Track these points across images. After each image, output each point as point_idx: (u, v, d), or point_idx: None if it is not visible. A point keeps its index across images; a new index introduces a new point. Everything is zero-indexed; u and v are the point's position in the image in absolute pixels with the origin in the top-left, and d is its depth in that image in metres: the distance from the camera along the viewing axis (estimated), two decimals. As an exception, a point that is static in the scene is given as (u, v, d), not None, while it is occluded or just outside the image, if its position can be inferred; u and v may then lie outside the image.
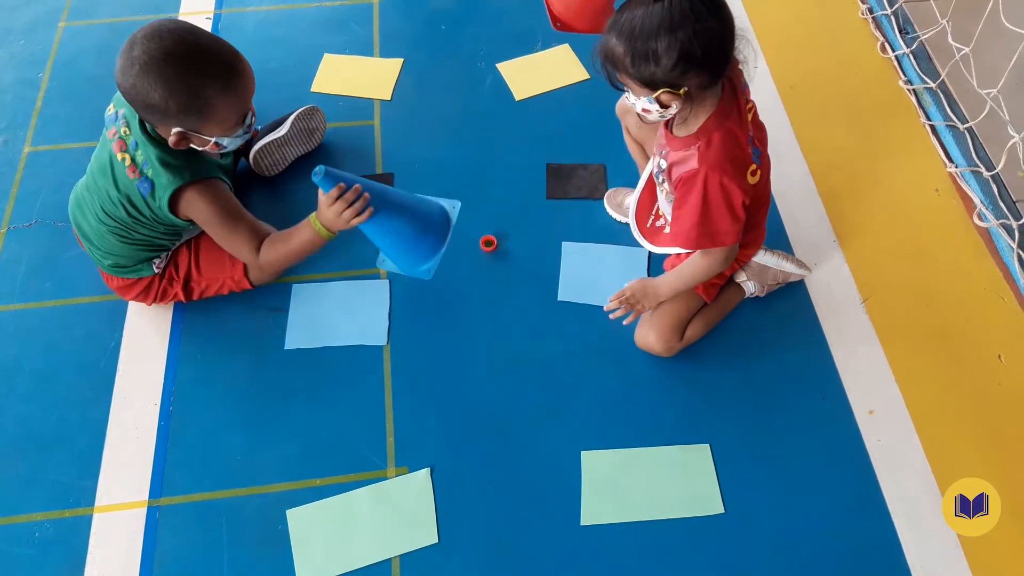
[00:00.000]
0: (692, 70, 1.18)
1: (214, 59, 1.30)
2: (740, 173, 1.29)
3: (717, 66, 1.21)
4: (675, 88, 1.20)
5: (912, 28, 2.08)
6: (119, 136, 1.40)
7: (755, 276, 1.58)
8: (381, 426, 1.50)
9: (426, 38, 2.17)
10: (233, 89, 1.32)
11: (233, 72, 1.32)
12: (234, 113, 1.35)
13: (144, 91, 1.27)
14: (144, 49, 1.26)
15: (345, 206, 1.37)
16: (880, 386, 1.55)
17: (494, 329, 1.62)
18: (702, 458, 1.46)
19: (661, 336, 1.51)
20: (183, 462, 1.46)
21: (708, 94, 1.26)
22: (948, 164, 1.86)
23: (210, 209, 1.42)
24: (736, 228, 1.32)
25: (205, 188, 1.41)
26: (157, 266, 1.55)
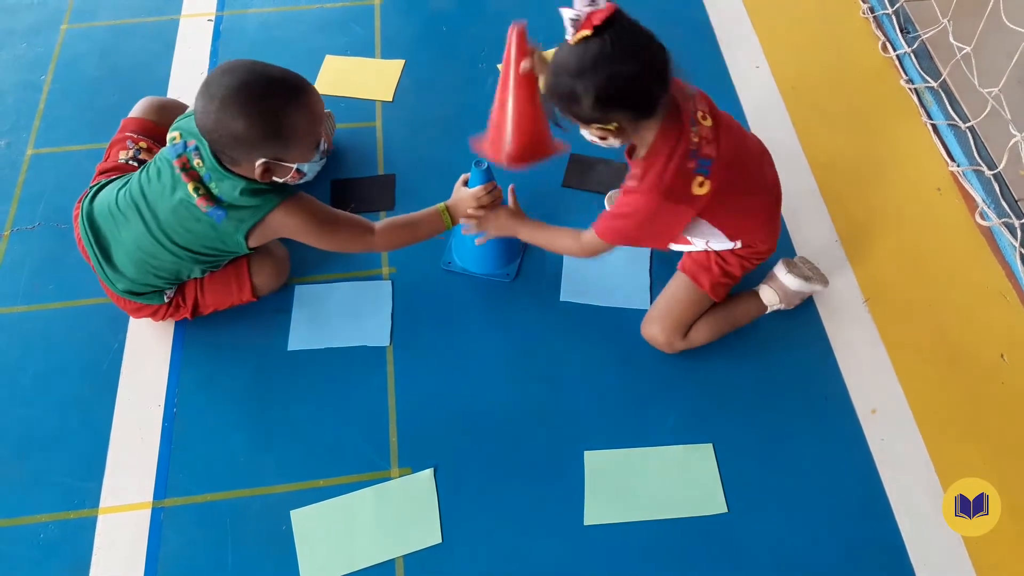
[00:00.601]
0: (612, 110, 1.23)
1: (285, 84, 1.34)
2: (676, 196, 1.32)
3: (640, 104, 1.25)
4: (603, 124, 1.25)
5: (913, 27, 2.08)
6: (191, 167, 1.39)
7: (786, 298, 1.58)
8: (384, 427, 1.50)
9: (427, 39, 2.17)
10: (306, 109, 1.35)
11: (303, 92, 1.35)
12: (310, 133, 1.38)
13: (227, 124, 1.30)
14: (221, 84, 1.30)
15: (490, 201, 1.49)
16: (883, 385, 1.55)
17: (497, 329, 1.63)
18: (705, 458, 1.46)
19: (664, 329, 1.52)
20: (187, 463, 1.47)
21: (645, 123, 1.29)
22: (950, 163, 1.86)
23: (305, 220, 1.44)
24: (626, 242, 1.45)
25: (294, 203, 1.42)
26: (168, 296, 1.55)
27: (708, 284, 1.52)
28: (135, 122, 1.68)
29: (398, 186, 1.85)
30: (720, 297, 1.55)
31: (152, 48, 2.17)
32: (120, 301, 1.56)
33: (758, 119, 1.97)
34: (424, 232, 1.55)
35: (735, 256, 1.52)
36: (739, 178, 1.41)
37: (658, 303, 1.55)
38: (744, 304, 1.59)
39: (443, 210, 1.53)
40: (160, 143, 1.62)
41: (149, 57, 2.15)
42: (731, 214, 1.44)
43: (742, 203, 1.45)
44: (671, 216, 1.37)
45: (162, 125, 1.65)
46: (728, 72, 2.07)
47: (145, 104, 1.73)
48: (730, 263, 1.52)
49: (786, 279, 1.57)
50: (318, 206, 1.47)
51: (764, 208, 1.52)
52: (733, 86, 2.04)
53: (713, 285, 1.52)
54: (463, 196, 1.52)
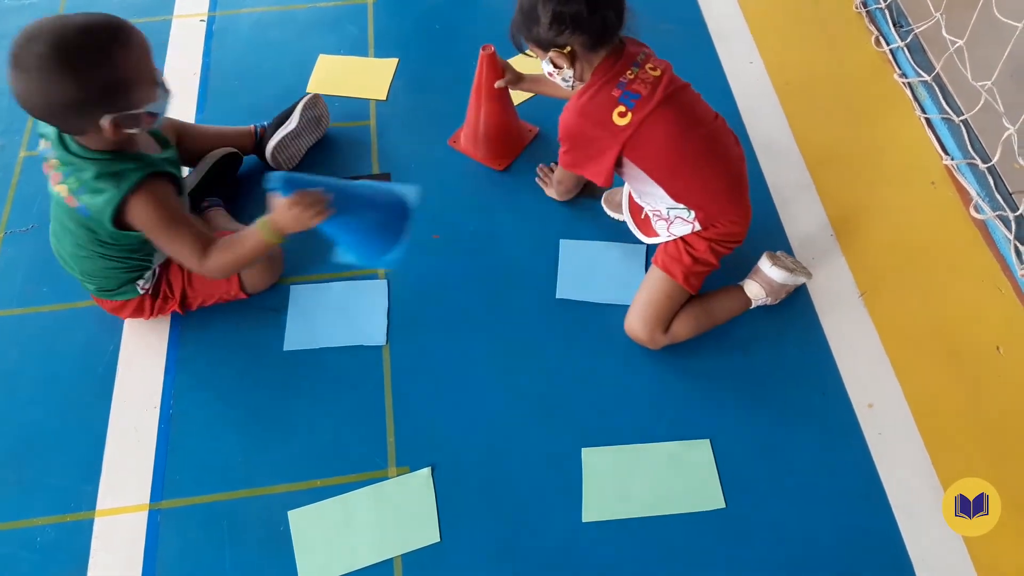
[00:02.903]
0: (567, 30, 1.35)
1: (98, 28, 1.23)
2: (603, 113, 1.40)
3: (593, 28, 1.35)
4: (560, 48, 1.37)
5: (906, 21, 2.08)
6: (54, 169, 1.36)
7: (772, 292, 1.58)
8: (381, 426, 1.50)
9: (420, 37, 2.17)
10: (129, 46, 1.25)
11: (119, 30, 1.25)
12: (144, 69, 1.27)
13: (55, 92, 1.20)
14: (31, 53, 1.19)
15: (303, 210, 1.31)
16: (879, 379, 1.55)
17: (493, 327, 1.62)
18: (702, 453, 1.46)
19: (644, 325, 1.53)
20: (184, 465, 1.46)
21: (595, 54, 1.40)
22: (944, 157, 1.86)
23: (151, 215, 1.35)
24: (570, 165, 1.50)
25: (145, 195, 1.34)
26: (142, 287, 1.53)
27: (681, 275, 1.52)
28: None
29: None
30: (695, 288, 1.54)
31: (144, 49, 2.16)
32: (101, 302, 1.57)
33: (752, 114, 1.97)
34: (249, 250, 1.39)
35: (702, 240, 1.51)
36: (680, 135, 1.42)
37: (637, 299, 1.56)
38: (726, 298, 1.59)
39: (263, 224, 1.36)
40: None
41: (142, 58, 2.14)
42: (679, 177, 1.46)
43: (692, 168, 1.46)
44: (593, 140, 1.43)
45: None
46: (721, 67, 2.07)
47: None
48: (698, 249, 1.51)
49: (771, 272, 1.57)
50: (173, 203, 1.38)
51: (721, 180, 1.50)
52: (727, 81, 2.04)
53: (686, 275, 1.52)
54: (280, 205, 1.33)
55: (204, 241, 1.40)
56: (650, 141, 1.41)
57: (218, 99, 2.04)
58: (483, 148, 1.84)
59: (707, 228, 1.50)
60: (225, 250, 1.40)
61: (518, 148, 1.87)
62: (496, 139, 1.82)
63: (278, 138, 1.80)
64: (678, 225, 1.52)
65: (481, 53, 1.68)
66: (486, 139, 1.82)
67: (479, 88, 1.74)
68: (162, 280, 1.56)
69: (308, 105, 1.83)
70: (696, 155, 1.45)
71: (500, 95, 1.75)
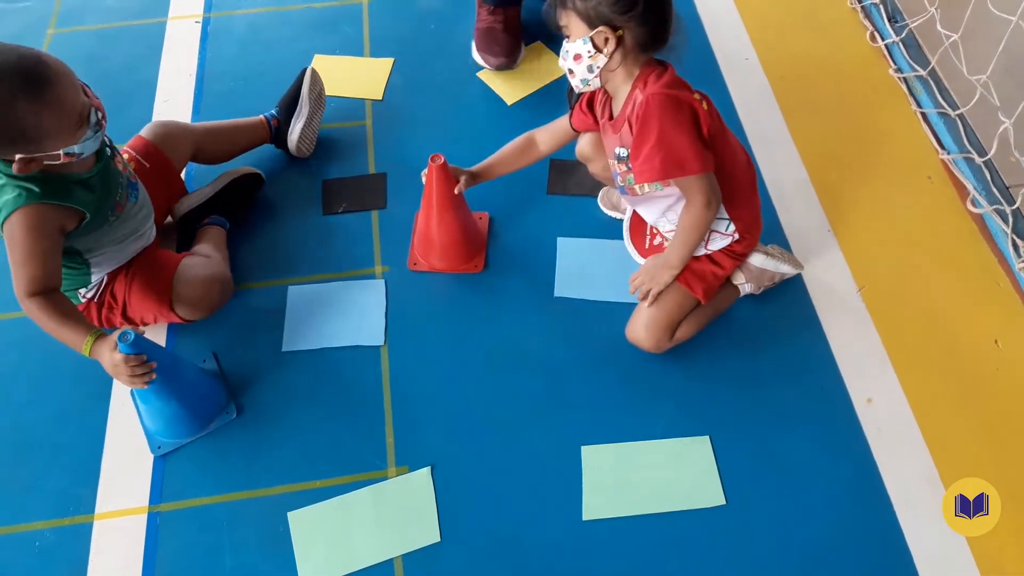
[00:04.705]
0: (633, 11, 1.26)
1: (16, 76, 1.17)
2: (688, 92, 1.33)
3: (655, 25, 1.29)
4: (614, 28, 1.27)
5: (901, 16, 2.08)
6: None
7: (753, 278, 1.58)
8: (380, 426, 1.50)
9: (416, 37, 2.16)
10: (44, 101, 1.19)
11: (37, 82, 1.18)
12: (62, 123, 1.23)
13: None
14: None
15: (123, 368, 1.27)
16: (878, 374, 1.55)
17: (492, 326, 1.62)
18: (702, 450, 1.46)
19: (651, 332, 1.51)
20: (182, 467, 1.46)
21: (641, 58, 1.32)
22: (940, 151, 1.86)
23: (10, 237, 1.31)
24: (698, 148, 1.31)
25: (14, 219, 1.30)
26: (83, 295, 1.52)
27: (702, 290, 1.51)
28: (136, 138, 1.67)
29: (389, 185, 1.84)
30: (711, 299, 1.54)
31: (139, 52, 2.16)
32: None
33: (748, 110, 1.97)
34: (64, 335, 1.34)
35: (728, 257, 1.52)
36: (723, 142, 1.41)
37: (642, 309, 1.52)
38: (720, 293, 1.59)
39: (90, 340, 1.32)
40: (155, 163, 1.63)
41: (136, 61, 2.14)
42: (740, 179, 1.46)
43: (747, 169, 1.47)
44: (686, 118, 1.30)
45: (158, 144, 1.65)
46: (717, 63, 2.07)
47: (150, 124, 1.70)
48: (725, 266, 1.53)
49: (751, 257, 1.56)
50: (37, 233, 1.30)
51: (751, 184, 1.52)
52: (722, 77, 2.04)
53: (706, 290, 1.52)
54: (106, 351, 1.29)
55: (44, 284, 1.33)
56: (719, 133, 1.37)
57: (214, 101, 2.03)
58: (451, 257, 1.67)
59: (743, 238, 1.50)
60: (48, 311, 1.33)
61: (484, 241, 1.73)
62: (462, 242, 1.66)
63: (298, 130, 1.82)
64: (716, 240, 1.51)
65: (430, 164, 1.53)
66: (452, 245, 1.65)
67: (432, 201, 1.58)
68: (108, 290, 1.53)
69: (311, 86, 1.84)
70: (735, 161, 1.45)
71: (454, 200, 1.59)
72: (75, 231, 1.39)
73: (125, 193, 1.47)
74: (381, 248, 1.74)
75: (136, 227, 1.51)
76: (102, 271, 1.51)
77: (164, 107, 2.03)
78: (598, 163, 1.61)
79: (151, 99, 2.05)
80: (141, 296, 1.53)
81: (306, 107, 1.83)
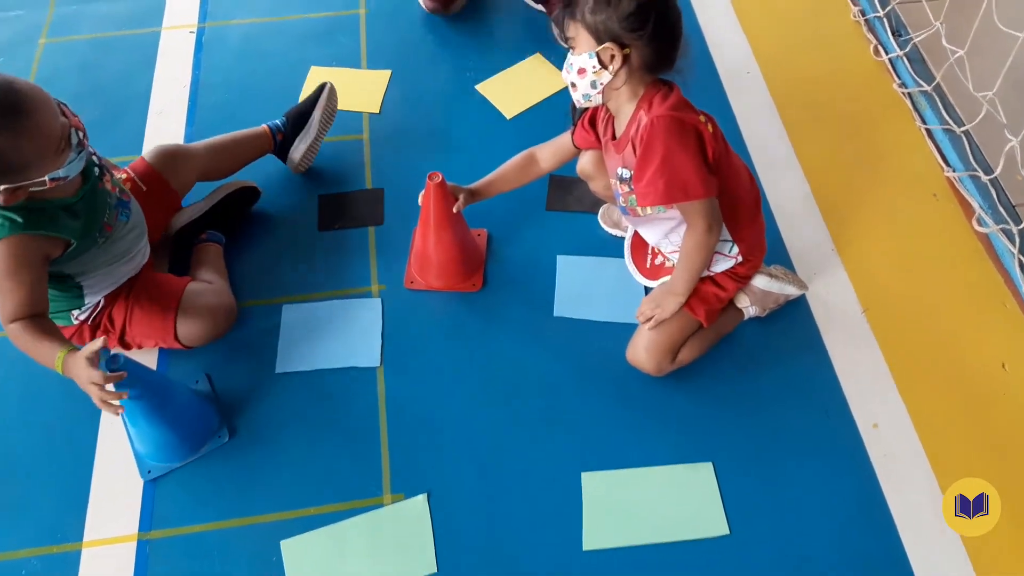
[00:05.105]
0: (643, 30, 1.22)
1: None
2: (694, 114, 1.30)
3: (663, 46, 1.25)
4: (621, 46, 1.23)
5: (905, 31, 2.06)
6: None
7: (757, 301, 1.55)
8: (376, 451, 1.46)
9: (414, 49, 2.13)
10: (21, 131, 1.18)
11: (12, 113, 1.17)
12: (43, 150, 1.21)
13: None
14: None
15: (92, 386, 1.22)
16: (883, 398, 1.52)
17: (490, 347, 1.59)
18: (705, 477, 1.43)
19: (652, 355, 1.48)
20: (173, 493, 1.42)
21: (646, 78, 1.29)
22: (945, 168, 1.84)
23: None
24: (703, 173, 1.28)
25: (3, 248, 1.27)
26: (76, 317, 1.48)
27: (704, 313, 1.48)
28: (138, 160, 1.63)
29: (387, 200, 1.81)
30: (713, 321, 1.51)
31: (133, 62, 2.13)
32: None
33: (750, 125, 1.94)
34: (41, 356, 1.30)
35: (731, 280, 1.50)
36: (727, 164, 1.39)
37: (643, 332, 1.49)
38: (723, 315, 1.56)
39: (63, 356, 1.27)
40: (154, 188, 1.60)
41: (130, 71, 2.10)
42: (743, 200, 1.43)
43: (750, 189, 1.45)
44: (691, 141, 1.27)
45: (159, 169, 1.62)
46: (719, 77, 2.04)
47: (155, 149, 1.66)
48: (728, 288, 1.50)
49: (755, 279, 1.54)
50: (20, 260, 1.28)
51: (755, 205, 1.50)
52: (724, 92, 2.01)
53: (709, 313, 1.49)
54: (80, 365, 1.23)
55: (27, 309, 1.30)
56: (724, 155, 1.35)
57: (208, 113, 2.00)
58: (449, 276, 1.64)
59: (747, 260, 1.48)
60: (29, 334, 1.30)
61: (482, 258, 1.69)
62: (460, 260, 1.62)
63: (303, 150, 1.78)
64: (719, 262, 1.48)
65: (428, 183, 1.50)
66: (450, 264, 1.62)
67: (430, 219, 1.54)
68: (105, 313, 1.50)
69: (326, 105, 1.80)
70: (739, 184, 1.42)
71: (453, 218, 1.55)
72: (62, 257, 1.36)
73: (114, 213, 1.44)
74: (378, 266, 1.71)
75: (127, 248, 1.48)
76: (97, 293, 1.48)
77: (158, 119, 1.99)
78: (600, 181, 1.58)
79: (145, 110, 2.02)
80: (143, 323, 1.50)
81: (315, 128, 1.79)
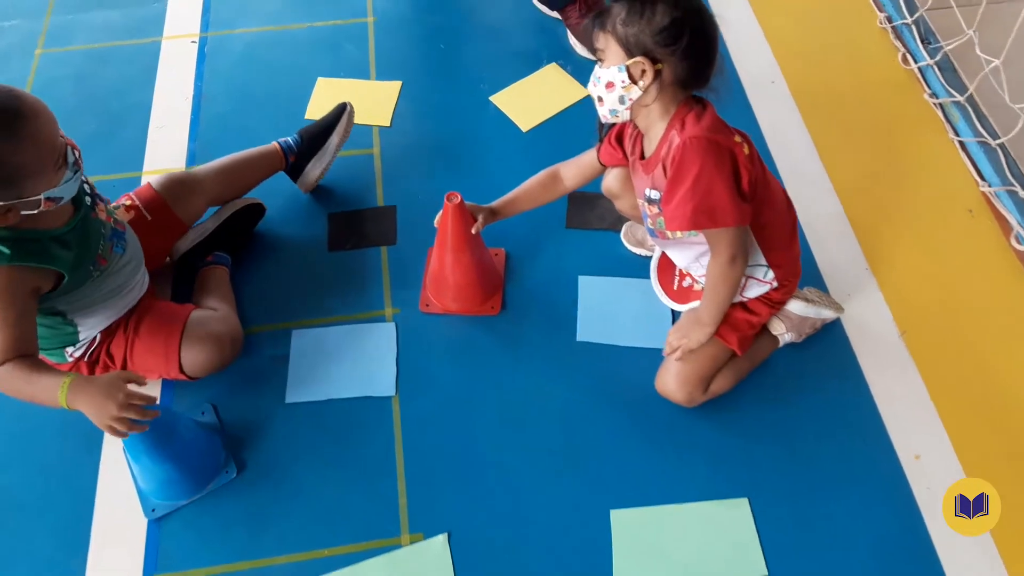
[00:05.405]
0: (677, 44, 1.16)
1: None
2: (730, 136, 1.22)
3: (698, 62, 1.19)
4: (653, 60, 1.16)
5: (934, 38, 1.99)
6: None
7: (794, 327, 1.48)
8: (393, 487, 1.39)
9: (425, 58, 2.06)
10: (23, 139, 1.13)
11: (16, 120, 1.12)
12: (43, 162, 1.16)
13: None
14: None
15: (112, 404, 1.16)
16: (925, 428, 1.45)
17: (511, 374, 1.52)
18: (741, 514, 1.35)
19: (683, 386, 1.40)
20: (179, 533, 1.35)
21: (679, 95, 1.22)
22: (980, 183, 1.76)
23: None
24: (735, 200, 1.20)
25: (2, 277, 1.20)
26: (70, 354, 1.41)
27: (737, 341, 1.41)
28: (145, 187, 1.56)
29: (400, 219, 1.74)
30: (747, 349, 1.44)
31: (132, 73, 2.05)
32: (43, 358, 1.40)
33: (776, 137, 1.87)
34: (37, 394, 1.21)
35: (765, 305, 1.43)
36: (764, 187, 1.32)
37: (675, 360, 1.42)
38: (757, 343, 1.48)
39: (67, 384, 1.18)
40: (159, 215, 1.53)
41: (129, 82, 2.03)
42: (781, 223, 1.37)
43: (788, 212, 1.38)
44: (726, 165, 1.19)
45: (167, 199, 1.54)
46: (743, 87, 1.97)
47: (164, 177, 1.57)
48: (761, 314, 1.43)
49: (790, 305, 1.47)
50: (8, 301, 1.20)
51: (792, 229, 1.43)
52: (748, 102, 1.94)
53: (742, 341, 1.41)
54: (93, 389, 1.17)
55: (16, 351, 1.21)
56: (761, 177, 1.28)
57: (212, 125, 1.93)
58: (467, 298, 1.57)
59: (782, 286, 1.41)
60: (21, 372, 1.21)
61: (500, 280, 1.62)
62: (478, 282, 1.55)
63: (316, 175, 1.72)
64: (753, 287, 1.41)
65: (446, 204, 1.43)
66: (468, 286, 1.55)
67: (447, 241, 1.47)
68: (103, 348, 1.42)
69: (345, 129, 1.72)
70: (775, 205, 1.35)
71: (471, 239, 1.48)
72: (54, 292, 1.28)
73: (109, 245, 1.36)
74: (391, 288, 1.63)
75: (123, 282, 1.39)
76: (91, 329, 1.40)
77: (159, 133, 1.92)
78: (626, 201, 1.51)
79: (146, 123, 1.95)
80: (145, 355, 1.42)
81: (332, 151, 1.72)
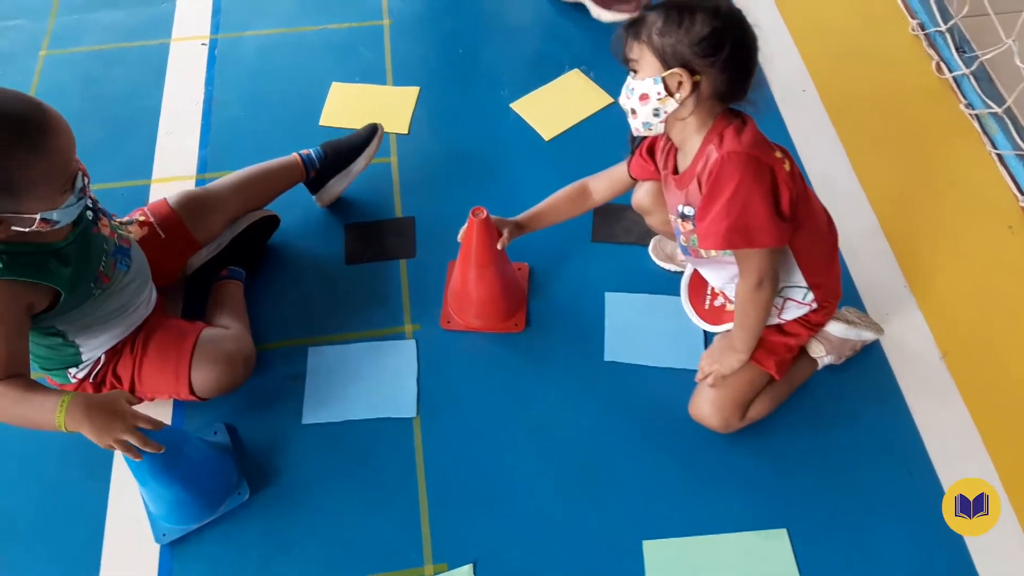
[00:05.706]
0: (717, 56, 1.10)
1: (9, 121, 1.05)
2: (771, 152, 1.16)
3: (737, 74, 1.13)
4: (691, 72, 1.11)
5: (970, 47, 1.93)
6: None
7: (834, 349, 1.42)
8: (415, 513, 1.33)
9: (443, 63, 2.00)
10: (41, 151, 1.07)
11: (38, 131, 1.07)
12: (52, 181, 1.11)
13: None
14: None
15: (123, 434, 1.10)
16: (970, 455, 1.39)
17: (536, 395, 1.46)
18: (779, 546, 1.29)
19: (718, 412, 1.34)
20: (193, 563, 1.29)
21: (716, 108, 1.16)
22: (1020, 198, 1.70)
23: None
24: (773, 221, 1.14)
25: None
26: (74, 375, 1.35)
27: (775, 366, 1.34)
28: (160, 203, 1.50)
29: (418, 230, 1.67)
30: (785, 373, 1.38)
31: (140, 76, 1.99)
32: (47, 378, 1.37)
33: (807, 147, 1.81)
34: (34, 418, 1.14)
35: (805, 327, 1.37)
36: (806, 205, 1.26)
37: (706, 384, 1.36)
38: (796, 366, 1.42)
39: (63, 404, 1.11)
40: (174, 233, 1.47)
41: (137, 86, 1.97)
42: (822, 242, 1.32)
43: (812, 236, 1.30)
44: (765, 183, 1.13)
45: (183, 217, 1.48)
46: (772, 96, 1.90)
47: (182, 194, 1.51)
48: (800, 336, 1.37)
49: (829, 326, 1.41)
50: (2, 314, 1.13)
51: (832, 249, 1.37)
52: (779, 112, 1.88)
53: (779, 365, 1.35)
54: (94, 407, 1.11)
55: (5, 369, 1.14)
56: (802, 195, 1.23)
57: (223, 131, 1.87)
58: (489, 315, 1.51)
59: (822, 307, 1.34)
60: (14, 392, 1.14)
61: (524, 295, 1.57)
62: (501, 298, 1.49)
63: (338, 192, 1.66)
64: (791, 310, 1.35)
65: (471, 219, 1.38)
66: (491, 302, 1.49)
67: (471, 257, 1.42)
68: (108, 369, 1.35)
69: (373, 151, 1.67)
70: (816, 225, 1.29)
71: (496, 255, 1.43)
72: (51, 310, 1.21)
73: (112, 262, 1.29)
74: (411, 303, 1.57)
75: (126, 301, 1.33)
76: (95, 350, 1.33)
77: (168, 139, 1.86)
78: (657, 216, 1.45)
79: (154, 128, 1.89)
80: (154, 376, 1.36)
81: (357, 170, 1.66)
